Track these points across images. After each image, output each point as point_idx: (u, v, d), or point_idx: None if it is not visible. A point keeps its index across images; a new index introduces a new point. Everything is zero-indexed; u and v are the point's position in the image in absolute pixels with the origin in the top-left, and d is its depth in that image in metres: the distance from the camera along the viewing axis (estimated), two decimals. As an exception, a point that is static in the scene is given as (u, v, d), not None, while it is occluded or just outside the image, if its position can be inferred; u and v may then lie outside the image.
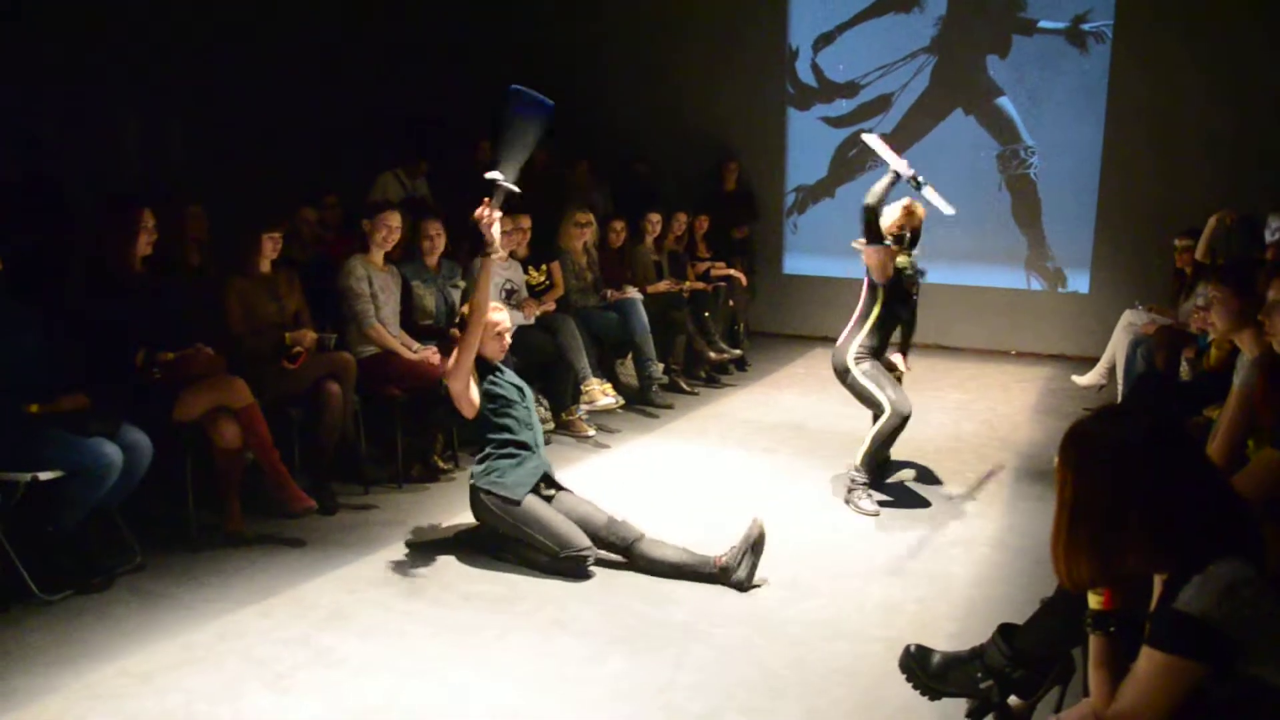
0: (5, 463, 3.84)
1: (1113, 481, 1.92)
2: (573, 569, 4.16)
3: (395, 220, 5.56)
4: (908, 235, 5.22)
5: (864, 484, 5.12)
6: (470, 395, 4.35)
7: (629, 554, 4.26)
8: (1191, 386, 5.43)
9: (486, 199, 4.37)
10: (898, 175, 5.09)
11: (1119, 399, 6.57)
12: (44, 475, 3.90)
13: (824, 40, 9.48)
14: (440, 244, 5.92)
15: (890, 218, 5.17)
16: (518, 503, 4.25)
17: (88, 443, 3.98)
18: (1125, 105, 8.49)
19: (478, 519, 4.41)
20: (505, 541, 4.34)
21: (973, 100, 9.04)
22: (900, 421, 5.09)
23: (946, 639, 3.57)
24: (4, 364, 3.93)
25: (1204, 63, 8.19)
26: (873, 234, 5.05)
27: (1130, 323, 7.01)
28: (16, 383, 3.96)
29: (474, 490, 4.37)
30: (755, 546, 4.12)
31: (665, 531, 4.66)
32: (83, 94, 7.02)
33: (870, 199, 5.01)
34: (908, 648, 3.21)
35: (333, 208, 6.78)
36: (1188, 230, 6.96)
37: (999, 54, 8.89)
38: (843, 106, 9.47)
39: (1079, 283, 8.93)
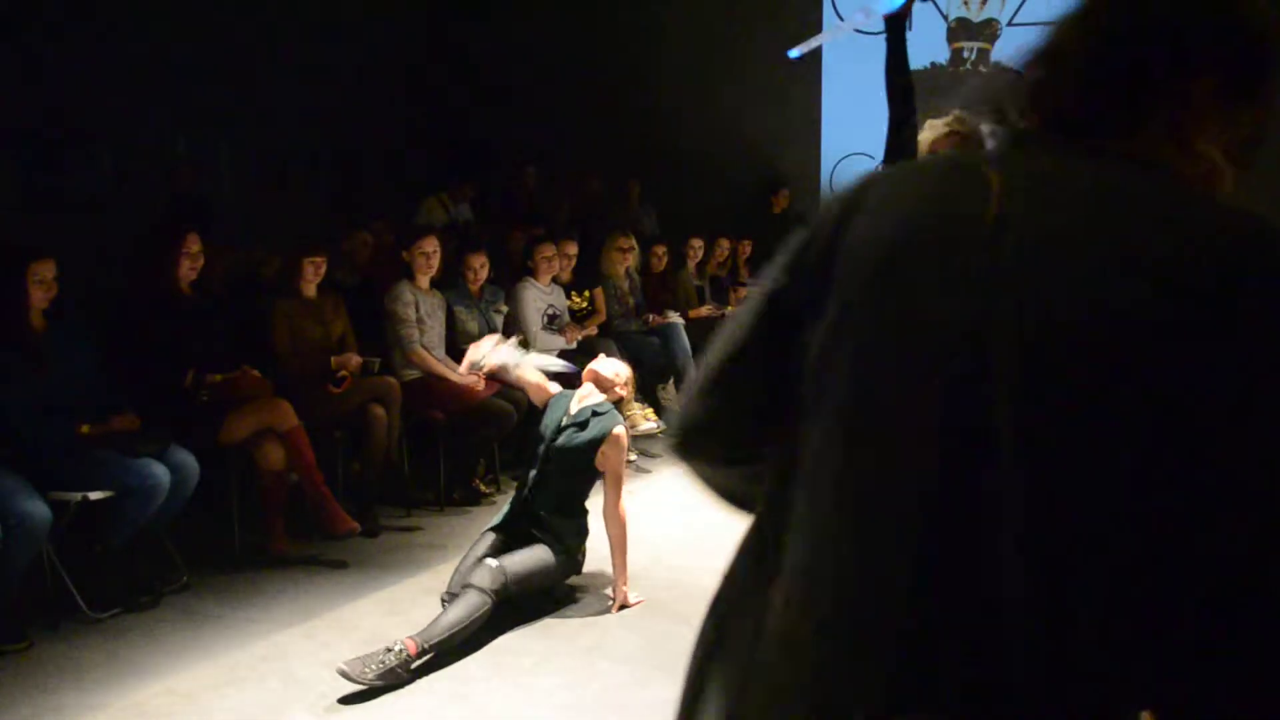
0: (57, 482, 3.90)
1: None
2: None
3: (431, 245, 5.60)
4: None
5: None
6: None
7: None
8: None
9: None
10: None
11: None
12: (94, 495, 3.96)
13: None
14: (484, 274, 5.98)
15: (928, 135, 3.01)
16: None
17: (137, 463, 4.04)
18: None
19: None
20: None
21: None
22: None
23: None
24: (58, 385, 4.01)
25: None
26: (897, 143, 3.07)
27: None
28: (69, 403, 4.04)
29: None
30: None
31: (704, 555, 4.64)
32: (135, 110, 7.16)
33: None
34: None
35: (382, 232, 6.85)
36: None
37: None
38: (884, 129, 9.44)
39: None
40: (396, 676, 3.44)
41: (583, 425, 4.13)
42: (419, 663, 3.53)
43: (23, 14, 6.68)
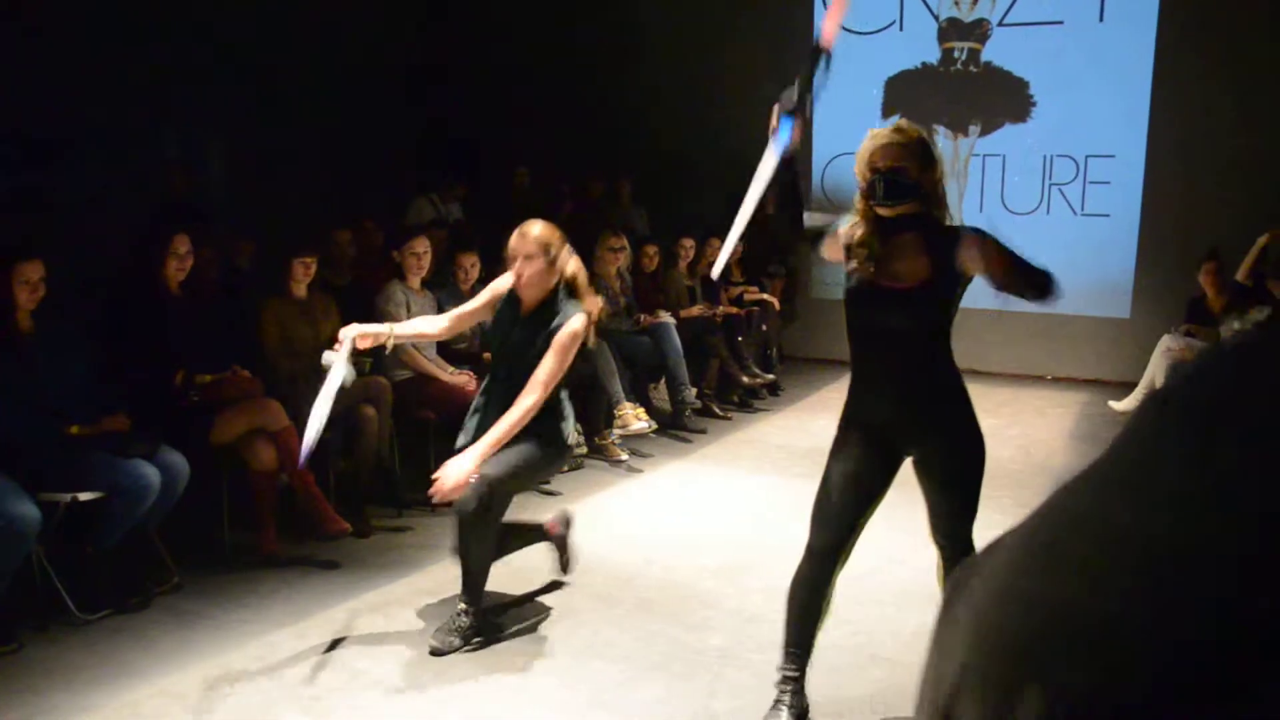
0: (47, 483, 3.89)
1: None
2: None
3: (422, 245, 5.61)
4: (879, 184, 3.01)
5: None
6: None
7: None
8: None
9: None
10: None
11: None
12: (84, 496, 3.95)
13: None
14: (475, 274, 5.98)
15: (869, 145, 3.12)
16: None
17: (127, 464, 4.03)
18: (1168, 126, 8.42)
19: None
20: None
21: (1015, 118, 8.99)
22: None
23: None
24: (47, 386, 4.00)
25: (1247, 84, 8.12)
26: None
27: (1169, 347, 6.95)
28: (58, 404, 4.02)
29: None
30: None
31: (696, 555, 4.65)
32: (124, 110, 7.13)
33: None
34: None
35: (371, 232, 6.85)
36: (1210, 254, 6.98)
37: (1040, 78, 8.86)
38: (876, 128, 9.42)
39: (1120, 307, 8.84)
40: (478, 632, 3.80)
41: (538, 324, 3.92)
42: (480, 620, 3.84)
43: (9, 14, 6.65)
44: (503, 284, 4.05)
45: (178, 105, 7.52)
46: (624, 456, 6.25)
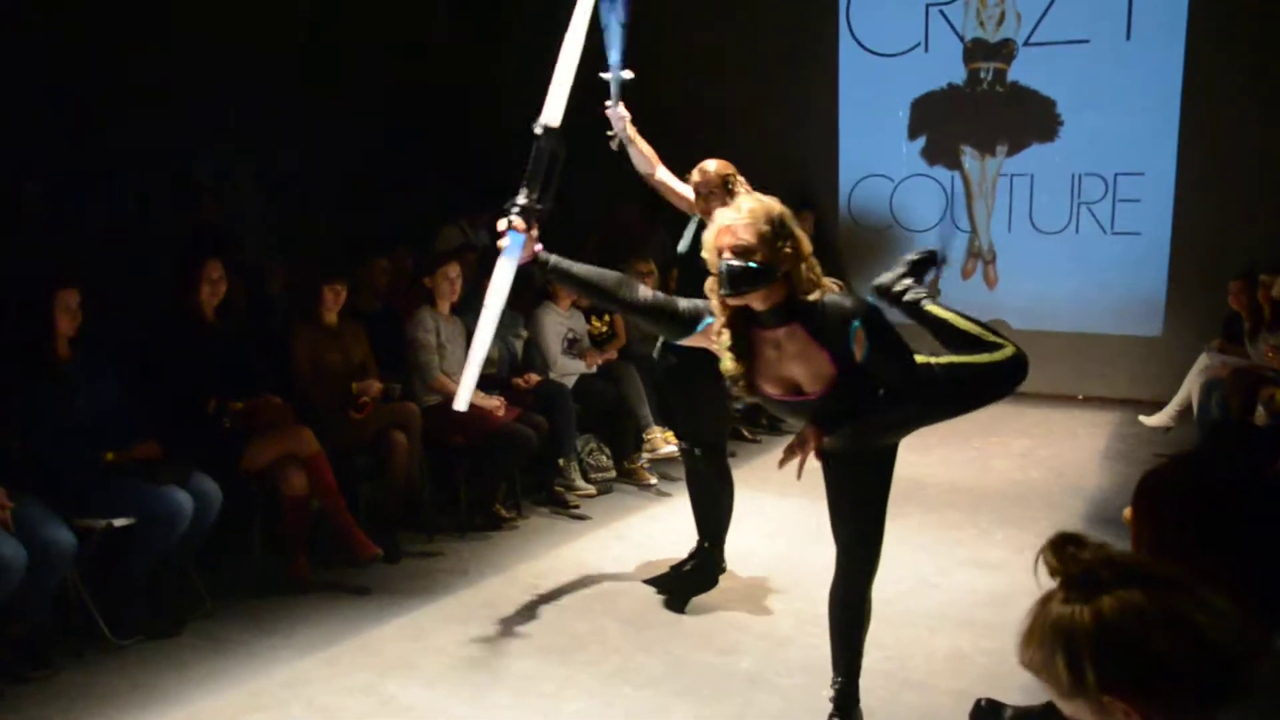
0: (82, 509, 3.93)
1: (1191, 533, 1.82)
2: None
3: (455, 271, 5.65)
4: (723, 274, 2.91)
5: None
6: None
7: None
8: (1269, 431, 5.29)
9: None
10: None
11: (1191, 444, 6.40)
12: (118, 522, 3.98)
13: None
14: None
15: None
16: None
17: (160, 491, 4.06)
18: (1198, 143, 8.34)
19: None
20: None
21: (1043, 138, 8.94)
22: None
23: (1017, 692, 3.49)
24: (84, 412, 4.04)
25: (1278, 99, 8.03)
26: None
27: (1205, 365, 6.88)
28: (94, 431, 4.07)
29: None
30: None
31: (725, 579, 4.64)
32: (158, 136, 7.20)
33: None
34: (978, 702, 3.13)
35: (402, 258, 6.89)
36: (1244, 271, 6.90)
37: (1068, 96, 8.81)
38: (902, 150, 9.40)
39: (1152, 326, 8.74)
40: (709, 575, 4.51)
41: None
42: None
43: (42, 45, 6.75)
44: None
45: (210, 131, 7.59)
46: (653, 480, 6.23)
